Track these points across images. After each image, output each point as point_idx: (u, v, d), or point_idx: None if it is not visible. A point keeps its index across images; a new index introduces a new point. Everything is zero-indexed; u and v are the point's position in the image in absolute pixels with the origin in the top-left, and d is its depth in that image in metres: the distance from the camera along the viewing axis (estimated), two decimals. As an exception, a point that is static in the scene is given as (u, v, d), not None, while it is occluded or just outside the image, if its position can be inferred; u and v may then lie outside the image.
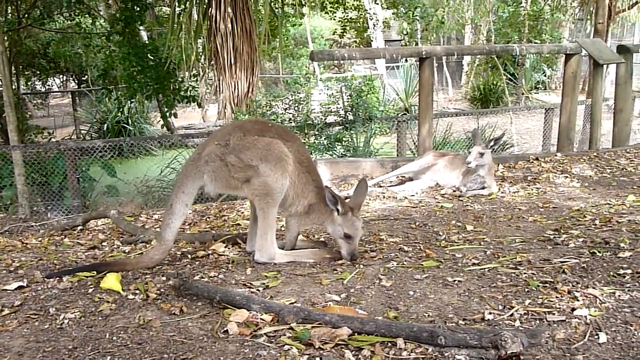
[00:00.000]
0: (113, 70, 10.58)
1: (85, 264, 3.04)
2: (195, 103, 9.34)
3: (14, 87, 10.70)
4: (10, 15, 12.46)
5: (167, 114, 9.47)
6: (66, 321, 2.16)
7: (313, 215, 2.98)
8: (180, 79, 9.71)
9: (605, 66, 7.55)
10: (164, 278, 2.69)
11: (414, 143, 8.61)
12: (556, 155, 6.28)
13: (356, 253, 2.83)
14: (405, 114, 11.24)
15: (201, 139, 9.37)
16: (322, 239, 3.29)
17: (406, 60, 17.40)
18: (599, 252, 2.72)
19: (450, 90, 22.18)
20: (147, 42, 10.28)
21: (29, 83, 18.67)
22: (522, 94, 17.28)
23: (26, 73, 16.48)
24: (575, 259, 2.64)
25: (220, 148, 2.86)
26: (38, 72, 16.66)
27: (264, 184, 2.80)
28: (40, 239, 4.03)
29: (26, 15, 12.18)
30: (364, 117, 8.12)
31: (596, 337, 1.86)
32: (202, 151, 2.92)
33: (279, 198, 2.85)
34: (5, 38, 9.95)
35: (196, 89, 10.67)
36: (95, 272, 2.76)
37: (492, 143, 5.02)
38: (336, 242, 2.94)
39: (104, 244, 3.68)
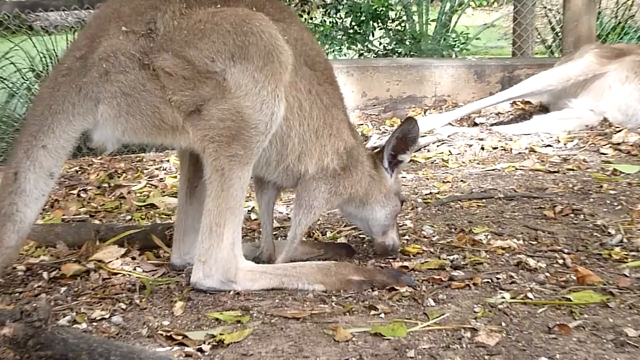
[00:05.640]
0: None
1: None
2: None
3: None
4: None
5: None
6: None
7: (356, 178, 2.87)
8: None
9: None
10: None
11: (552, 28, 7.92)
12: None
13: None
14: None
15: (74, 19, 8.41)
16: (341, 240, 3.21)
17: None
18: None
19: None
20: None
21: None
22: None
23: None
24: None
25: (135, 39, 2.61)
26: None
27: (234, 114, 2.57)
28: None
29: None
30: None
31: None
32: (88, 50, 2.64)
33: (260, 145, 2.63)
34: None
35: None
36: None
37: None
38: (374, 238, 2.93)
39: None
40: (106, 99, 2.61)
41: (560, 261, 2.89)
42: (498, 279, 2.72)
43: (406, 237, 3.26)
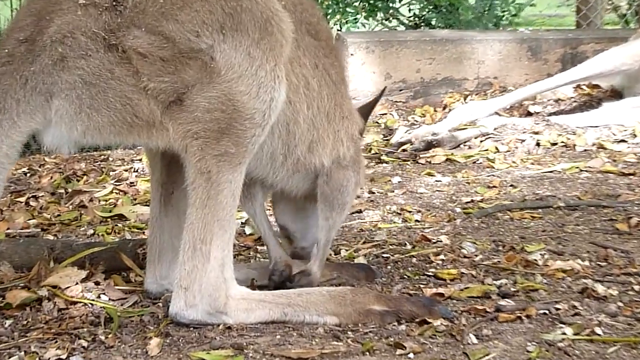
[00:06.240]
0: None
1: None
2: None
3: None
4: None
5: None
6: None
7: (363, 162, 2.90)
8: None
9: None
10: None
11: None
12: None
13: None
14: None
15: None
16: (360, 260, 3.10)
17: None
18: None
19: None
20: None
21: None
22: None
23: None
24: None
25: (98, 14, 2.47)
26: None
27: (224, 102, 2.48)
28: None
29: None
30: None
31: None
32: (36, 31, 2.52)
33: (256, 140, 2.52)
34: None
35: None
36: None
37: None
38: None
39: None
40: (63, 91, 2.47)
41: (637, 287, 2.72)
42: (557, 309, 2.56)
43: (441, 256, 3.11)
